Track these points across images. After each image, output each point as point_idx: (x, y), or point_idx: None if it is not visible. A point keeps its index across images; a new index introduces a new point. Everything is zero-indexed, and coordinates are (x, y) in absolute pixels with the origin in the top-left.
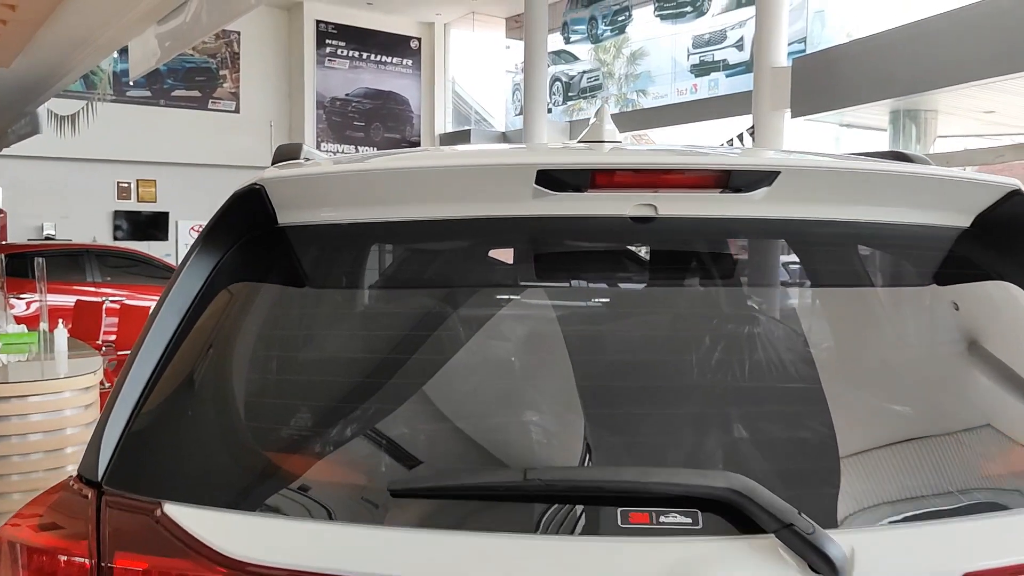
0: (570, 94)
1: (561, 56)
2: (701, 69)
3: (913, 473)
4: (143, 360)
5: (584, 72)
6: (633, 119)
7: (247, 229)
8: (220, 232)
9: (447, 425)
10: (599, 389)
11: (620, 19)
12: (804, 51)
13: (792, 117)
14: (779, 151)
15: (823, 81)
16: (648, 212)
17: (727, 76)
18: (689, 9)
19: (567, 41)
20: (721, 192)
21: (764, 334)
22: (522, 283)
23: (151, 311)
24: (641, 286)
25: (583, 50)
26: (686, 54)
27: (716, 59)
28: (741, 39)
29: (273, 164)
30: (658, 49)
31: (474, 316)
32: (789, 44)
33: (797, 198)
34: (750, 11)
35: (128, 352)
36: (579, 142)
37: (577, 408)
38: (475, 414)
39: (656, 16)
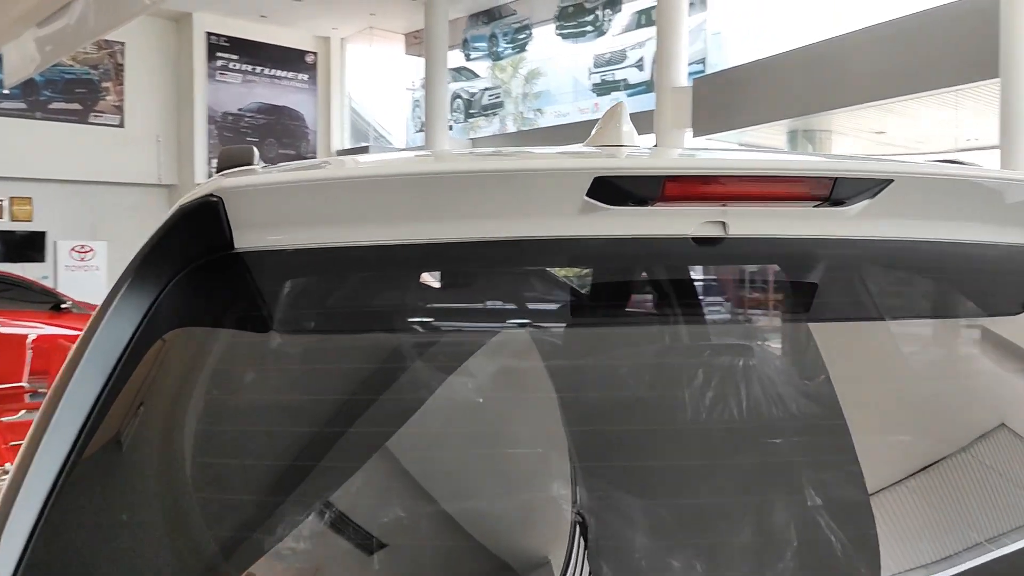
0: (471, 111)
1: (462, 73)
2: (603, 88)
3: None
4: (56, 436)
5: (485, 89)
6: (532, 139)
7: (193, 256)
8: (157, 261)
9: (463, 512)
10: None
11: (521, 37)
12: (704, 71)
13: (694, 136)
14: (866, 157)
15: (723, 101)
16: (715, 232)
17: (628, 95)
18: (590, 29)
19: (468, 58)
20: (816, 206)
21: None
22: (553, 325)
23: (62, 370)
24: (709, 333)
25: (484, 67)
26: (587, 73)
27: (617, 78)
28: (641, 59)
29: (218, 172)
30: (560, 68)
31: (497, 373)
32: (689, 64)
33: (899, 213)
34: (650, 32)
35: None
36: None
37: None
38: (482, 496)
39: (557, 35)
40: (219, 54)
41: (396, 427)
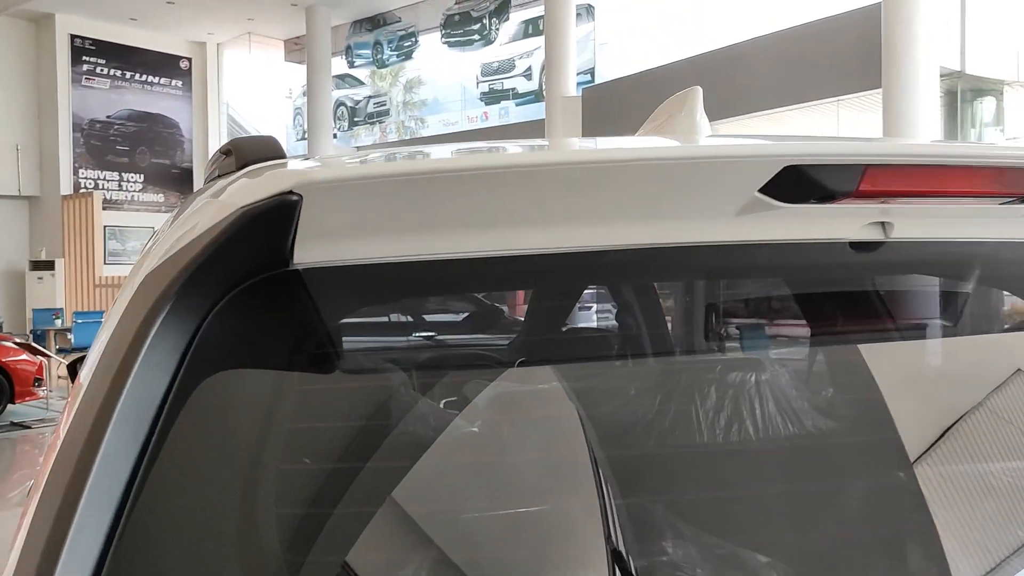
0: (356, 119)
1: (346, 80)
2: (491, 97)
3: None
4: (90, 519)
5: (370, 97)
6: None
7: (241, 276)
8: (200, 283)
9: None
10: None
11: (406, 45)
12: (592, 82)
13: None
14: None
15: (613, 110)
16: (876, 235)
17: (517, 104)
18: (477, 37)
19: (351, 65)
20: (1003, 203)
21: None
22: (695, 352)
23: (84, 434)
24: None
25: (369, 74)
26: (476, 82)
27: (506, 87)
28: (529, 68)
29: (236, 171)
30: (447, 76)
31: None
32: (578, 74)
33: None
34: (538, 41)
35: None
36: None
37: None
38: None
39: (444, 43)
40: (85, 58)
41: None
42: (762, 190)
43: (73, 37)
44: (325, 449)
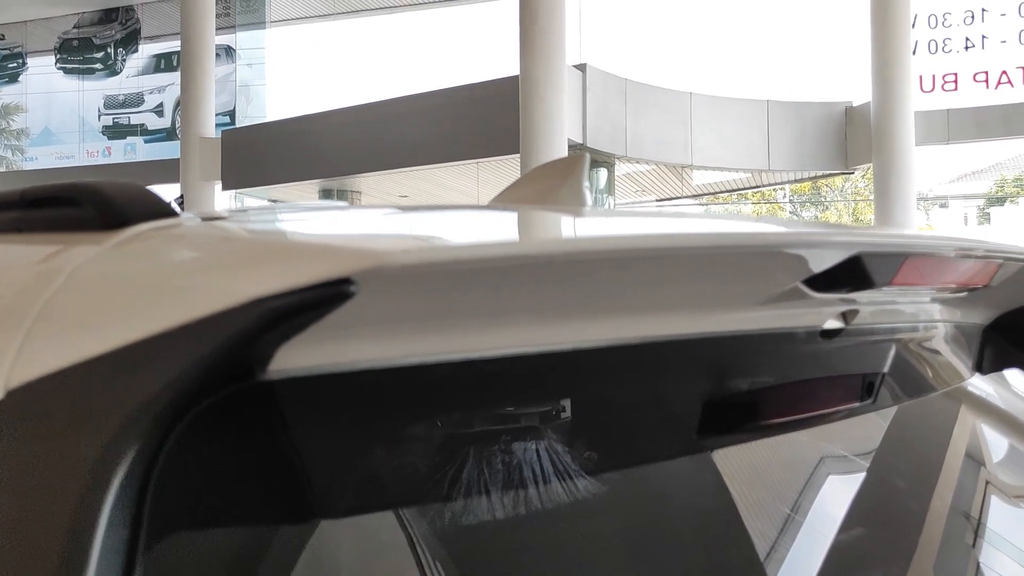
0: None
1: None
2: (116, 132)
3: None
4: None
5: None
6: (20, 179)
7: (204, 390)
8: (160, 404)
9: None
10: None
11: (11, 66)
12: (232, 124)
13: (223, 190)
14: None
15: (253, 156)
16: (839, 323)
17: (146, 142)
18: (99, 66)
19: None
20: (952, 293)
21: None
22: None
23: None
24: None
25: None
26: (97, 114)
27: (133, 123)
28: (161, 105)
29: (104, 230)
30: (62, 105)
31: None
32: (216, 115)
33: (996, 297)
34: (171, 77)
35: None
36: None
37: None
38: None
39: (59, 68)
40: None
41: None
42: (807, 281)
43: None
44: None
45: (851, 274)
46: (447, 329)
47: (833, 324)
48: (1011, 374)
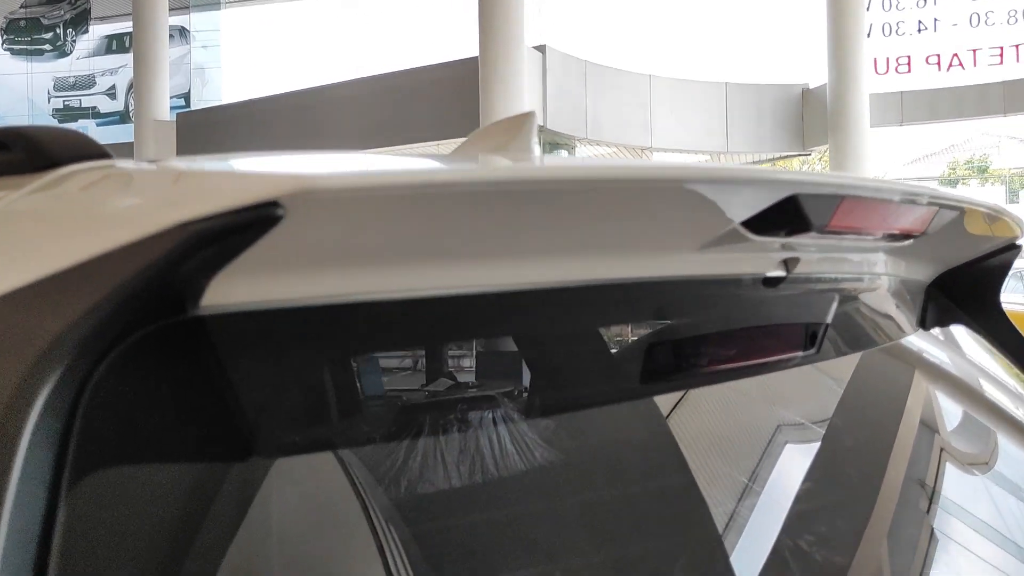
0: None
1: None
2: (67, 115)
3: None
4: None
5: None
6: None
7: (132, 325)
8: (92, 335)
9: None
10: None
11: None
12: (187, 106)
13: None
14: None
15: (210, 139)
16: (781, 271)
17: (99, 125)
18: (48, 48)
19: None
20: (891, 241)
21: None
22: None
23: None
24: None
25: None
26: (47, 97)
27: (85, 105)
28: (113, 87)
29: (34, 171)
30: (10, 88)
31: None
32: (171, 98)
33: (937, 252)
34: (123, 59)
35: None
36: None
37: None
38: None
39: (6, 50)
40: None
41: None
42: (746, 223)
43: None
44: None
45: (788, 215)
46: (378, 266)
47: (775, 272)
48: (956, 331)
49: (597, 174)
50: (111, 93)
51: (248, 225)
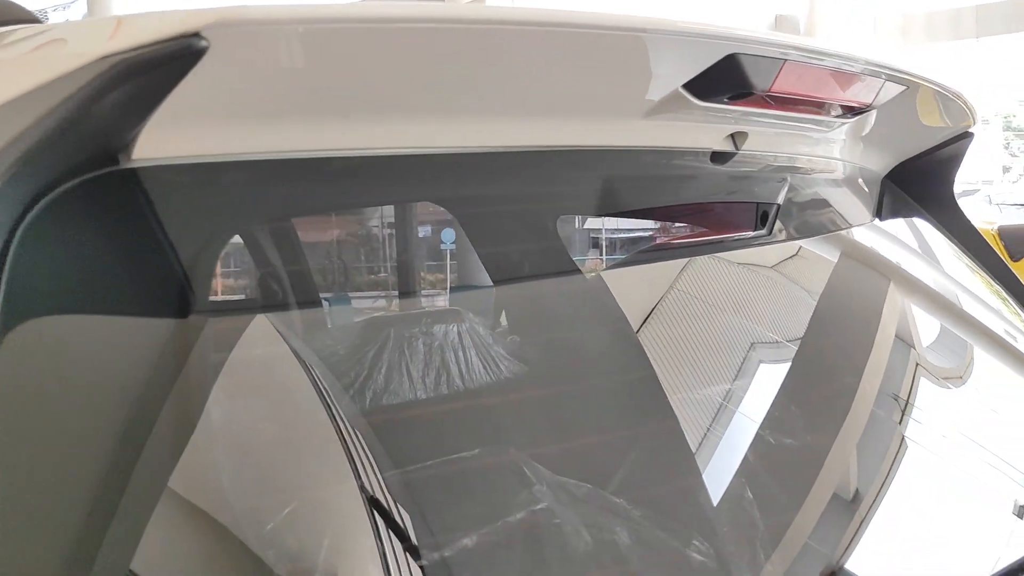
0: None
1: None
2: None
3: None
4: None
5: None
6: None
7: (64, 172)
8: (24, 176)
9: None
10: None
11: None
12: None
13: None
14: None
15: None
16: (729, 147)
17: None
18: None
19: None
20: (839, 117)
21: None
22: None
23: None
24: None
25: None
26: None
27: None
28: None
29: None
30: None
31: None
32: None
33: (891, 141)
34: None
35: None
36: None
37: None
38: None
39: None
40: None
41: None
42: (687, 86)
43: None
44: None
45: (730, 76)
46: (305, 120)
47: (723, 147)
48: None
49: (528, 16)
50: None
51: (170, 58)
